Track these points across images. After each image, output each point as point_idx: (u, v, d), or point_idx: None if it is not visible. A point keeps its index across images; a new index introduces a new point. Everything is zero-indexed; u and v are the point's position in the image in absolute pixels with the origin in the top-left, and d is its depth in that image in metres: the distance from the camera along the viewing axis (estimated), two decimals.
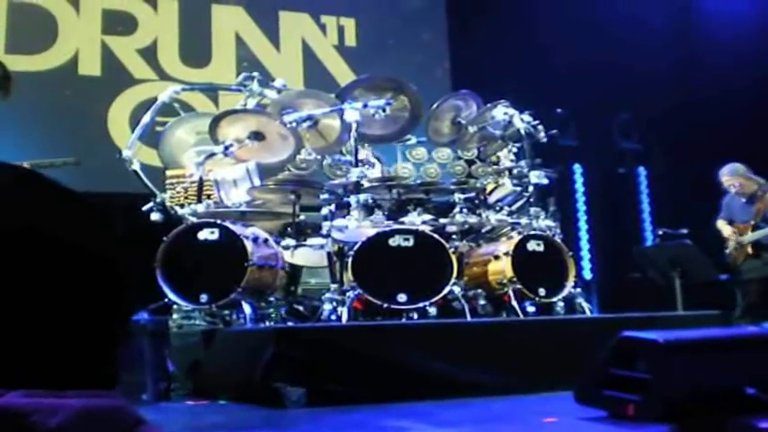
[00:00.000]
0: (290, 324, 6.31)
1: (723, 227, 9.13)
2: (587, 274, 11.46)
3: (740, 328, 4.85)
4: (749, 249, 8.83)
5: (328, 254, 6.58)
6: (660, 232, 9.77)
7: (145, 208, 6.97)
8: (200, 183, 6.73)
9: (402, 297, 6.01)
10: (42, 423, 0.90)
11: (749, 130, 10.65)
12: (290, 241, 6.56)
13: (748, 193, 9.02)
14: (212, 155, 6.76)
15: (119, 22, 9.95)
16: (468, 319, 6.18)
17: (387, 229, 6.27)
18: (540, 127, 7.21)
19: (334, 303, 6.10)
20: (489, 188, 7.25)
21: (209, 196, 6.82)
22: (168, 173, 7.45)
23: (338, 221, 6.44)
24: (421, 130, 7.65)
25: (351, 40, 11.05)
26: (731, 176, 9.08)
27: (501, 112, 7.22)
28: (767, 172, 9.29)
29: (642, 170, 12.19)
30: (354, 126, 6.72)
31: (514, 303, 6.39)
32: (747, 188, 9.02)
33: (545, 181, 6.99)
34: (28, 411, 0.91)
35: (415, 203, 6.73)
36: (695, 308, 7.41)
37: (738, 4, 11.83)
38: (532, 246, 6.57)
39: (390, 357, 5.13)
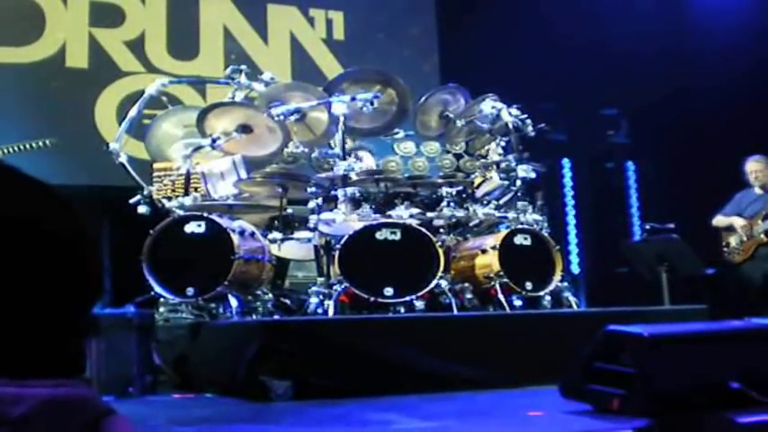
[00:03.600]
0: (276, 317, 6.30)
1: (732, 219, 9.09)
2: (574, 269, 11.48)
3: (725, 322, 4.85)
4: (763, 237, 8.82)
5: (315, 247, 6.58)
6: (648, 227, 9.78)
7: (132, 201, 6.96)
8: (188, 176, 6.72)
9: (389, 291, 6.02)
10: (4, 413, 0.89)
11: (739, 125, 10.66)
12: (276, 234, 6.56)
13: (765, 182, 9.13)
14: (199, 148, 6.75)
15: (106, 15, 9.88)
16: (455, 312, 6.18)
17: (374, 222, 6.27)
18: (528, 121, 7.22)
19: (321, 297, 6.10)
20: (477, 182, 7.25)
21: (196, 189, 6.81)
22: (155, 166, 7.43)
23: (325, 215, 6.44)
24: (409, 123, 7.65)
25: (339, 34, 11.02)
26: (759, 164, 9.21)
27: (489, 105, 7.22)
28: None
29: (630, 165, 12.21)
30: (342, 119, 6.73)
31: (501, 297, 6.40)
32: (765, 177, 9.14)
33: (533, 175, 6.99)
34: None
35: (402, 197, 6.73)
36: (682, 302, 7.44)
37: None
38: (519, 240, 6.58)
39: (376, 351, 5.14)
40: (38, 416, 0.90)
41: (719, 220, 9.19)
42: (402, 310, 6.06)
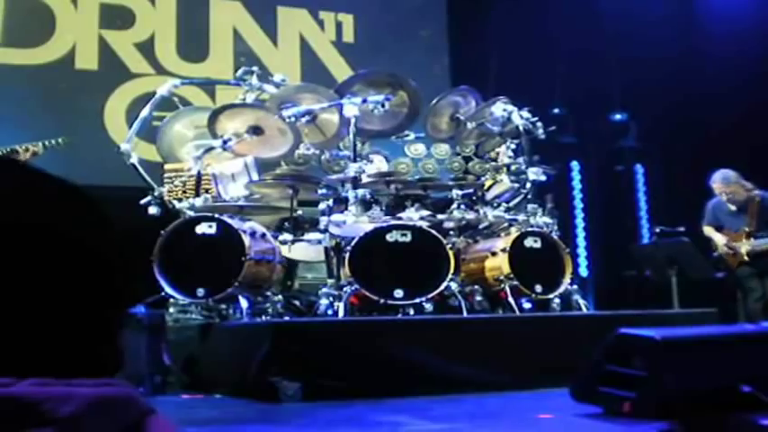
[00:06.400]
0: (286, 319, 6.31)
1: (713, 233, 9.01)
2: (584, 271, 11.46)
3: (737, 325, 4.86)
4: (745, 257, 8.74)
5: (326, 249, 6.59)
6: (657, 230, 9.74)
7: (143, 202, 6.97)
8: (199, 177, 6.73)
9: (399, 293, 6.02)
10: (54, 411, 0.91)
11: (748, 127, 10.64)
12: (287, 236, 6.56)
13: (740, 200, 8.89)
14: (211, 149, 6.76)
15: (116, 16, 9.91)
16: (465, 315, 6.18)
17: (384, 224, 6.27)
18: (539, 124, 7.21)
19: (331, 298, 6.11)
20: (487, 184, 7.25)
21: (207, 190, 6.82)
22: (166, 167, 7.44)
23: (336, 216, 6.44)
24: (420, 125, 7.65)
25: (349, 36, 11.03)
26: (724, 185, 8.90)
27: (500, 108, 7.21)
28: (765, 168, 9.27)
29: (640, 168, 12.19)
30: (353, 121, 6.73)
31: (511, 300, 6.40)
32: (739, 195, 8.86)
33: (543, 178, 6.99)
34: (40, 400, 0.91)
35: (412, 199, 6.73)
36: (692, 305, 7.42)
37: (740, 1, 11.82)
38: (529, 242, 6.58)
39: (386, 353, 5.14)
40: (86, 414, 0.92)
41: (706, 230, 9.10)
42: (412, 312, 6.06)
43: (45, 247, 0.97)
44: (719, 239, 8.90)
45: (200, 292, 6.11)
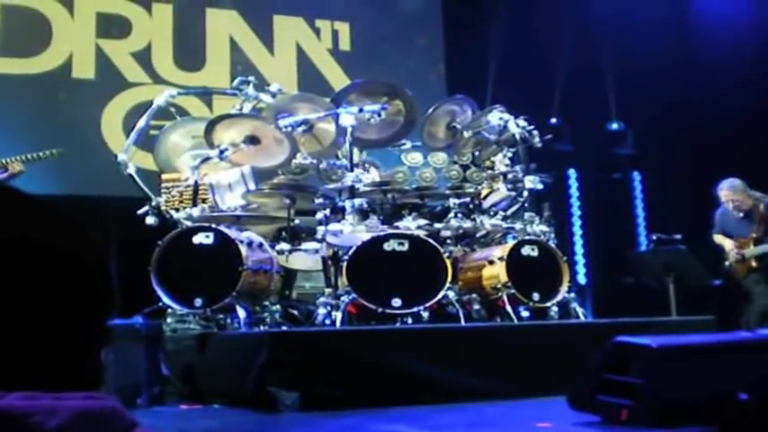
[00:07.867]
0: (284, 328, 6.31)
1: (722, 240, 9.02)
2: (581, 279, 11.45)
3: (733, 333, 4.87)
4: (753, 263, 8.74)
5: (323, 258, 6.59)
6: (654, 237, 9.74)
7: (140, 212, 6.97)
8: (196, 187, 6.74)
9: (396, 301, 6.02)
10: (42, 424, 0.91)
11: (745, 135, 10.67)
12: (284, 245, 6.57)
13: (746, 209, 8.89)
14: (207, 159, 6.76)
15: (113, 26, 9.91)
16: (463, 323, 6.18)
17: (381, 233, 6.27)
18: (535, 132, 7.22)
19: (329, 308, 6.10)
20: (484, 193, 7.26)
21: (204, 200, 6.83)
22: (163, 177, 7.46)
23: (333, 226, 6.45)
24: (416, 134, 7.65)
25: (345, 45, 11.03)
26: (731, 192, 8.89)
27: (496, 116, 7.22)
28: (762, 176, 9.28)
29: (637, 175, 12.20)
30: (349, 130, 6.73)
31: (509, 308, 6.39)
32: (745, 204, 8.87)
33: (540, 186, 6.99)
34: (27, 413, 0.92)
35: (409, 208, 6.74)
36: (689, 313, 7.43)
37: (735, 7, 11.85)
38: (527, 251, 6.57)
39: (384, 362, 5.15)
40: (73, 427, 0.92)
41: (716, 238, 9.10)
42: (410, 321, 6.07)
43: (21, 259, 0.98)
44: (729, 245, 8.90)
45: (198, 302, 6.11)
